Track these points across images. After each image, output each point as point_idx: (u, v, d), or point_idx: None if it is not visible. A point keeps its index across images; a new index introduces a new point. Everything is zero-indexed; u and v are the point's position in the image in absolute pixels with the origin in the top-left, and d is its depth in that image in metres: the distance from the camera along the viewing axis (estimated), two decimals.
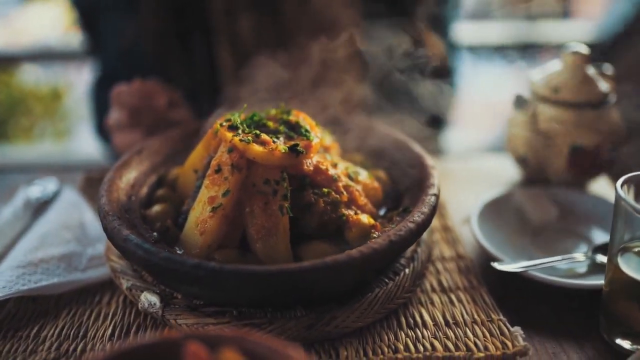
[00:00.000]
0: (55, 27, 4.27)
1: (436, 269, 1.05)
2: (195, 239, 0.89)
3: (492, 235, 1.09)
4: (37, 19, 4.36)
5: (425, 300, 0.97)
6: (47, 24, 4.28)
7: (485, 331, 0.89)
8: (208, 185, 0.90)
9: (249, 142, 0.89)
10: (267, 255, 0.87)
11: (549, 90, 1.24)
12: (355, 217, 0.92)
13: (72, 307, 0.96)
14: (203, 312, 0.87)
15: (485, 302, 0.96)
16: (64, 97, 4.34)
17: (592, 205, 1.20)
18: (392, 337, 0.88)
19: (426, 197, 0.94)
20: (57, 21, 4.26)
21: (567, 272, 1.03)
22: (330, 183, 0.94)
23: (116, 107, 1.30)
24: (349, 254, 0.80)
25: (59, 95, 4.34)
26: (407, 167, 1.07)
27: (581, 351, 0.89)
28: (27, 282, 0.95)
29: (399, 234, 0.85)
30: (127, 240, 0.83)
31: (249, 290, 0.79)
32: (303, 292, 0.83)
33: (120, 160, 1.06)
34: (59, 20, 4.24)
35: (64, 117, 4.35)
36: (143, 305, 0.90)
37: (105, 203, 0.93)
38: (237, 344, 0.63)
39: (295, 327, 0.84)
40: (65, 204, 1.21)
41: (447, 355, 0.84)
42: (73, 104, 4.28)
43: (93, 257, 1.05)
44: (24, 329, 0.91)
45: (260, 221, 0.88)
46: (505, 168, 1.45)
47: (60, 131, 4.33)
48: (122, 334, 0.90)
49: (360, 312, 0.88)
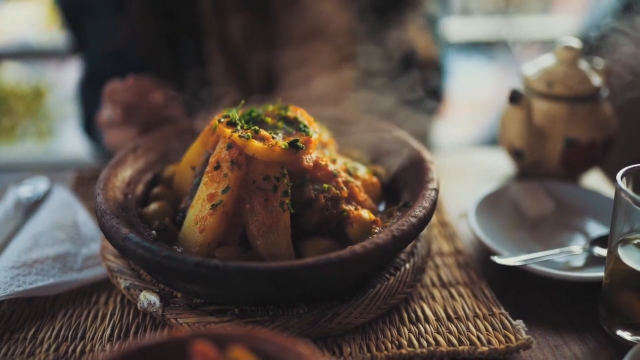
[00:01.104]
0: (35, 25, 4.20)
1: (435, 264, 1.05)
2: (194, 237, 0.88)
3: (489, 230, 1.09)
4: (17, 17, 4.28)
5: (426, 295, 0.97)
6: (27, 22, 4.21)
7: (488, 325, 0.89)
8: (207, 183, 0.89)
9: (248, 138, 0.88)
10: (268, 252, 0.87)
11: (543, 84, 1.24)
12: (356, 213, 0.92)
13: (68, 308, 0.94)
14: (204, 310, 0.86)
15: (485, 296, 0.96)
16: (45, 96, 4.27)
17: (586, 199, 1.20)
18: (395, 333, 0.88)
19: (426, 191, 0.94)
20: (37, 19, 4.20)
21: (564, 265, 1.03)
22: (330, 179, 0.94)
23: (109, 104, 1.28)
24: (353, 250, 0.79)
25: (41, 94, 4.27)
26: (404, 162, 1.07)
27: (582, 343, 0.89)
28: (21, 283, 0.93)
29: (401, 228, 0.84)
30: (126, 239, 0.82)
31: (252, 288, 0.78)
32: (306, 289, 0.83)
33: (115, 158, 1.04)
34: (40, 19, 4.18)
35: (46, 116, 4.28)
36: (142, 304, 0.88)
37: (101, 201, 0.91)
38: (246, 342, 0.62)
39: (298, 324, 0.84)
40: (57, 203, 1.19)
41: (451, 350, 0.84)
42: (56, 103, 4.22)
43: (88, 256, 1.03)
44: (20, 331, 0.89)
45: (260, 218, 0.87)
46: (498, 162, 1.46)
47: (43, 131, 4.27)
48: (122, 334, 0.88)
49: (363, 308, 0.87)
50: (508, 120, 1.29)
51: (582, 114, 1.22)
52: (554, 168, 1.27)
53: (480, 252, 1.10)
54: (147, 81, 1.29)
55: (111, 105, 1.28)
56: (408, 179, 1.03)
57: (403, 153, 1.08)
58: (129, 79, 1.27)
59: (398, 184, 1.05)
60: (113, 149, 1.34)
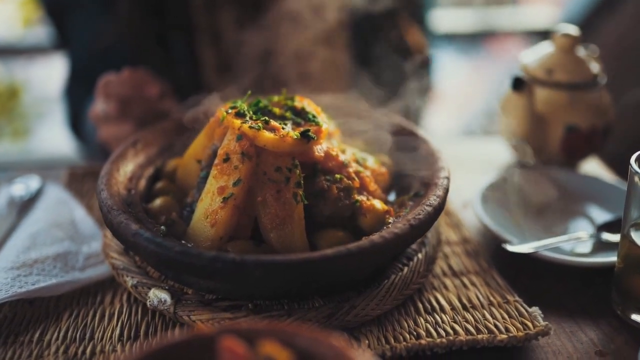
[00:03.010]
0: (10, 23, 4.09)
1: (444, 253, 1.04)
2: (205, 232, 0.85)
3: (495, 218, 1.09)
4: None
5: (439, 285, 0.96)
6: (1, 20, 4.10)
7: (504, 313, 0.88)
8: (216, 175, 0.87)
9: (259, 128, 0.86)
10: (282, 245, 0.85)
11: (544, 71, 1.24)
12: (368, 203, 0.90)
13: (73, 308, 0.91)
14: (217, 306, 0.84)
15: (498, 284, 0.95)
16: (21, 94, 4.17)
17: (587, 185, 1.21)
18: (411, 324, 0.86)
19: (438, 180, 0.93)
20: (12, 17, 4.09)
21: (571, 251, 1.03)
22: (341, 169, 0.92)
23: (103, 98, 1.24)
24: (372, 240, 0.78)
25: (16, 92, 4.16)
26: (410, 151, 1.06)
27: (597, 328, 0.89)
28: (23, 284, 0.89)
29: (418, 217, 0.83)
30: (137, 235, 0.79)
31: (271, 281, 0.76)
32: (325, 281, 0.81)
33: (116, 153, 1.01)
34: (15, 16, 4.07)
35: (22, 115, 4.18)
36: (152, 302, 0.86)
37: (107, 197, 0.88)
38: (276, 336, 0.60)
39: (315, 318, 0.82)
40: (52, 201, 1.15)
41: (470, 338, 0.83)
42: (32, 102, 4.12)
43: (90, 255, 1.00)
44: (25, 333, 0.85)
45: (273, 210, 0.85)
46: (495, 151, 1.46)
47: (19, 130, 4.16)
48: (132, 333, 0.85)
49: (379, 300, 0.86)
50: (507, 108, 1.28)
51: (582, 100, 1.23)
52: (554, 155, 1.27)
53: (487, 241, 1.10)
54: (142, 73, 1.25)
55: (105, 99, 1.24)
56: (416, 167, 1.02)
57: (408, 141, 1.07)
58: (124, 71, 1.23)
59: (405, 173, 1.04)
60: (107, 144, 1.30)
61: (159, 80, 1.29)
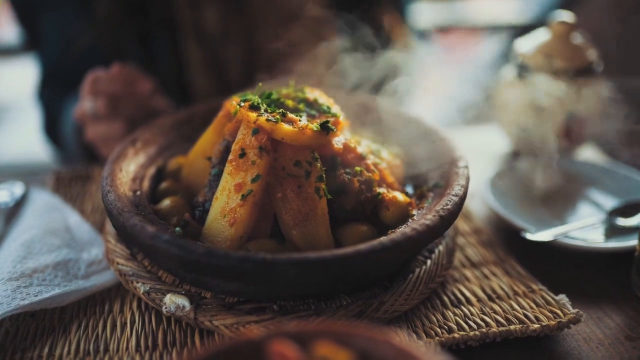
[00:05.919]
0: None
1: (459, 244, 1.02)
2: (224, 231, 0.81)
3: (506, 207, 1.08)
4: None
5: (460, 276, 0.94)
6: None
7: (530, 302, 0.87)
8: (232, 172, 0.82)
9: (277, 121, 0.82)
10: (306, 242, 0.81)
11: (543, 59, 1.24)
12: (391, 196, 0.88)
13: (80, 319, 0.85)
14: (240, 310, 0.80)
15: (519, 273, 0.94)
16: None
17: (589, 170, 1.21)
18: (440, 317, 0.84)
19: (459, 169, 0.91)
20: None
21: (583, 237, 1.03)
22: (359, 161, 0.89)
23: (90, 96, 1.16)
24: (405, 233, 0.75)
25: None
26: (421, 142, 1.04)
27: (622, 313, 0.89)
28: (25, 295, 0.83)
29: (447, 208, 0.81)
30: (155, 238, 0.74)
31: (305, 280, 0.72)
32: (358, 277, 0.78)
33: (115, 153, 0.95)
34: None
35: None
36: (169, 309, 0.81)
37: (115, 199, 0.82)
38: (330, 337, 0.57)
39: (345, 316, 0.79)
40: (41, 207, 1.08)
41: (504, 330, 0.81)
42: None
43: (91, 262, 0.94)
44: (32, 348, 0.79)
45: (295, 206, 0.81)
46: (492, 140, 1.45)
47: None
48: (149, 343, 0.80)
49: (407, 294, 0.83)
50: (508, 97, 1.27)
51: (581, 88, 1.23)
52: (553, 143, 1.27)
53: (498, 230, 1.08)
54: (133, 69, 1.19)
55: (93, 97, 1.16)
56: (430, 158, 1.00)
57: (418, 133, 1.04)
58: (114, 66, 1.16)
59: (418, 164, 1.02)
60: (95, 145, 1.23)
61: (149, 76, 1.22)
